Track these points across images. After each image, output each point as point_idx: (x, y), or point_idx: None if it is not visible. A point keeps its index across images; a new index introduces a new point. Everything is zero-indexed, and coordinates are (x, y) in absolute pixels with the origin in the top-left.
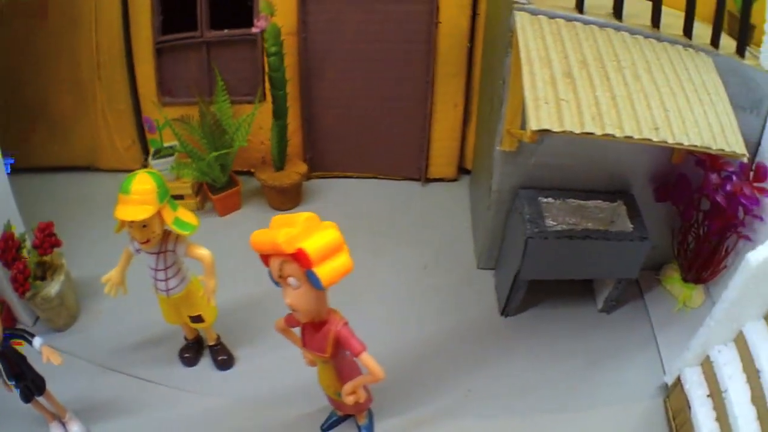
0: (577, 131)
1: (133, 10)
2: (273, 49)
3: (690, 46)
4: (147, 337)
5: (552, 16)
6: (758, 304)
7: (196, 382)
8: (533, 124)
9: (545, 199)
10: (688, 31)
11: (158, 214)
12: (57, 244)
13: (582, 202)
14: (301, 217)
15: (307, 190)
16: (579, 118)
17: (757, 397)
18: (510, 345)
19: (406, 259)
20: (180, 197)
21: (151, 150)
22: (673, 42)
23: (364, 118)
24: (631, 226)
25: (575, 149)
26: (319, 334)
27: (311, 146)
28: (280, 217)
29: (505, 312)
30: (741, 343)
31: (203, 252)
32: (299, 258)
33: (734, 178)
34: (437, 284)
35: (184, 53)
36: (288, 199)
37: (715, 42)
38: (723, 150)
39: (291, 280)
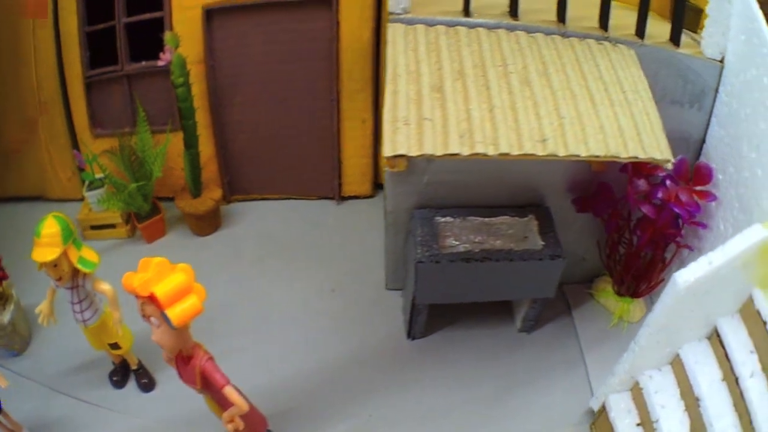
0: (439, 153)
1: (65, 46)
2: (180, 81)
3: (606, 39)
4: (87, 361)
5: (431, 24)
6: (697, 324)
7: (125, 403)
8: (387, 150)
9: (443, 219)
10: (603, 21)
11: (65, 254)
12: (4, 277)
13: (486, 219)
14: (153, 262)
15: (227, 214)
16: (443, 138)
17: (696, 429)
18: (417, 369)
19: (315, 280)
20: (112, 226)
21: (86, 182)
22: (583, 36)
23: (276, 140)
24: (542, 243)
25: (471, 164)
26: (189, 367)
27: (228, 171)
28: (142, 261)
29: (411, 335)
30: (678, 367)
31: (105, 287)
32: (153, 301)
33: (668, 183)
34: (345, 306)
35: (108, 86)
36: (206, 224)
37: (640, 31)
38: (637, 157)
39: (152, 319)
